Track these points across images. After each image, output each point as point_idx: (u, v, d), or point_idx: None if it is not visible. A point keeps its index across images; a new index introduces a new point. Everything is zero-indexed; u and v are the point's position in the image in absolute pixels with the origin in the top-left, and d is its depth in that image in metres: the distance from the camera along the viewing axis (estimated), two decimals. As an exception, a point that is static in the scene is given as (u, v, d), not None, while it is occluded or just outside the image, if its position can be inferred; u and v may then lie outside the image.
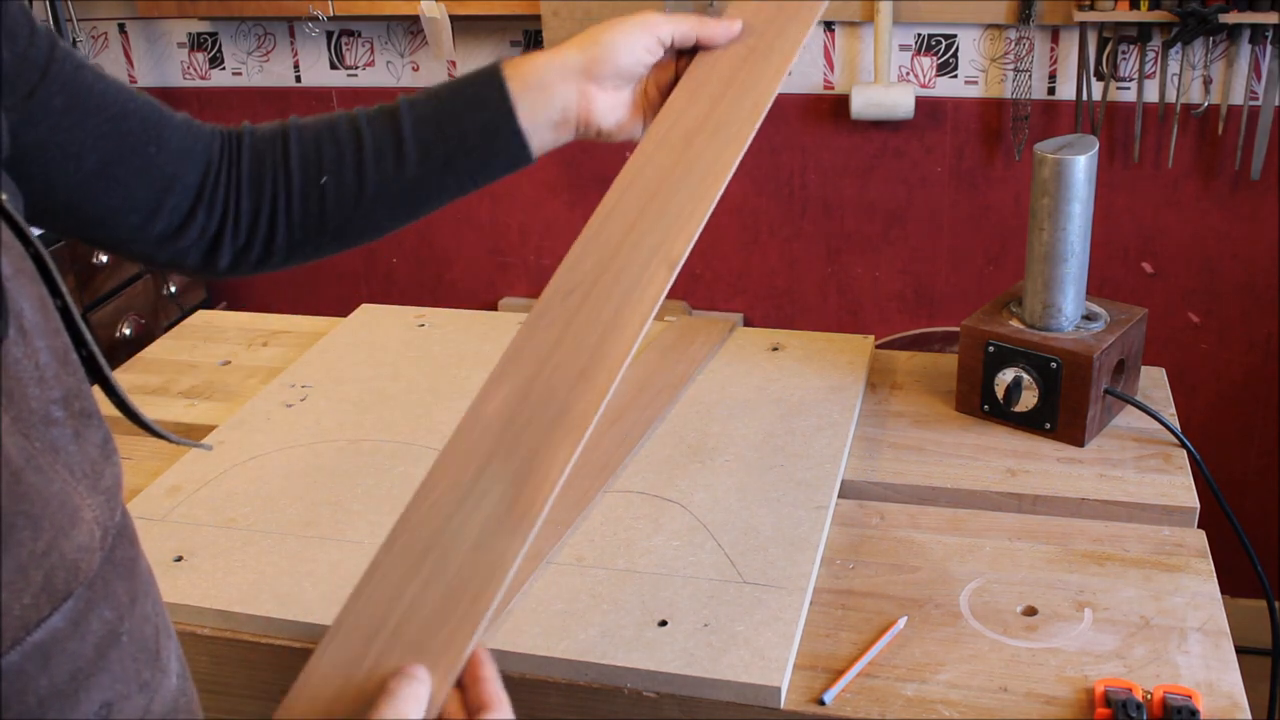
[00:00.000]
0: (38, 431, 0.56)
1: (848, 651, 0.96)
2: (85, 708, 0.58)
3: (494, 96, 0.88)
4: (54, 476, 0.56)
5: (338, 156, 0.88)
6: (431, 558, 0.69)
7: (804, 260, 2.39)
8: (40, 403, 0.57)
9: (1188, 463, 1.18)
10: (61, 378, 0.59)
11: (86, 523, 0.57)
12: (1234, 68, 2.03)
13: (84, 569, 0.57)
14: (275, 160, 0.88)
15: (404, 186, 0.89)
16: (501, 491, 0.70)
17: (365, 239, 0.92)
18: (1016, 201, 2.24)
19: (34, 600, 0.53)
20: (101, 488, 0.60)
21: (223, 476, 1.22)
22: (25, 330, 0.57)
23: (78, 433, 0.59)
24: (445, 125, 0.88)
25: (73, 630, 0.57)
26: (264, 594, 1.03)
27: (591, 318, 0.78)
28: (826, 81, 2.25)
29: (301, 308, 2.59)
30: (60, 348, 0.60)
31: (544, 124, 0.90)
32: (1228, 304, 2.21)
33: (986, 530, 1.11)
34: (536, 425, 0.73)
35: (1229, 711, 0.89)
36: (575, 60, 0.90)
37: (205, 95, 2.57)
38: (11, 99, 0.73)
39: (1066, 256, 1.21)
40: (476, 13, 2.24)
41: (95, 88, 0.79)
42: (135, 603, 0.63)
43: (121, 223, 0.82)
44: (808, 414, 1.27)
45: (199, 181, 0.85)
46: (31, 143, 0.75)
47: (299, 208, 0.88)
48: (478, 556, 0.68)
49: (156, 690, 0.64)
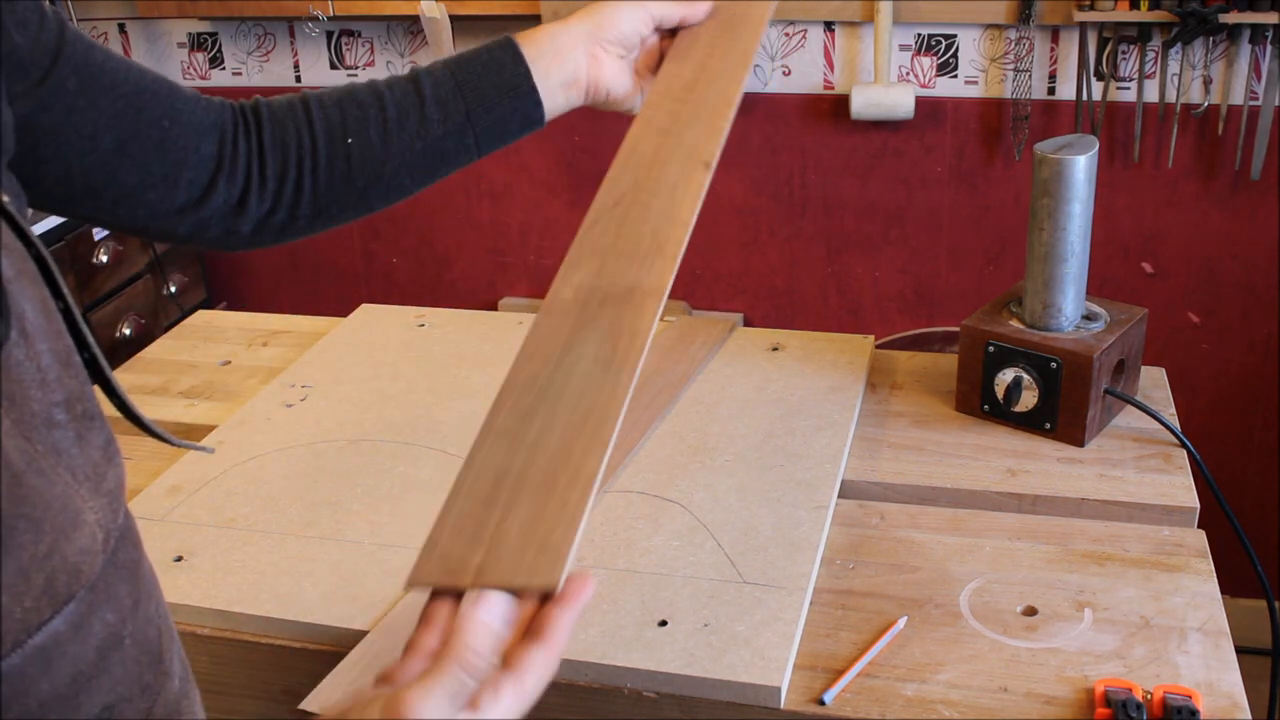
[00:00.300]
0: (40, 434, 0.56)
1: (848, 651, 0.96)
2: (86, 711, 0.58)
3: (509, 59, 0.93)
4: (55, 479, 0.56)
5: (362, 117, 0.90)
6: (543, 410, 0.70)
7: (804, 260, 2.39)
8: (42, 405, 0.57)
9: (1188, 463, 1.18)
10: (64, 380, 0.59)
11: (89, 525, 0.57)
12: (1234, 68, 2.03)
13: (86, 572, 0.57)
14: (298, 123, 0.89)
15: (426, 145, 0.91)
16: (598, 344, 0.73)
17: (387, 202, 0.93)
18: (1016, 201, 2.24)
19: (35, 603, 0.53)
20: (104, 490, 0.60)
21: (223, 476, 1.22)
22: (27, 333, 0.57)
23: (80, 435, 0.59)
24: (464, 86, 0.91)
25: (74, 633, 0.57)
26: (264, 594, 1.03)
27: (643, 213, 0.83)
28: (826, 81, 2.25)
29: (301, 308, 2.59)
30: (63, 350, 0.60)
31: (556, 84, 0.94)
32: (1228, 304, 2.21)
33: (986, 530, 1.11)
34: (614, 298, 0.77)
35: (1229, 711, 0.89)
36: (582, 27, 0.95)
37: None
38: (25, 84, 0.73)
39: (1066, 256, 1.21)
40: (476, 13, 2.24)
41: (106, 66, 0.79)
42: (138, 605, 0.63)
43: (140, 200, 0.82)
44: (808, 414, 1.27)
45: (216, 151, 0.86)
46: (48, 127, 0.75)
47: (325, 169, 0.89)
48: (590, 396, 0.70)
49: (159, 693, 0.64)
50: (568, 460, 0.66)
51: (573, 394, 0.70)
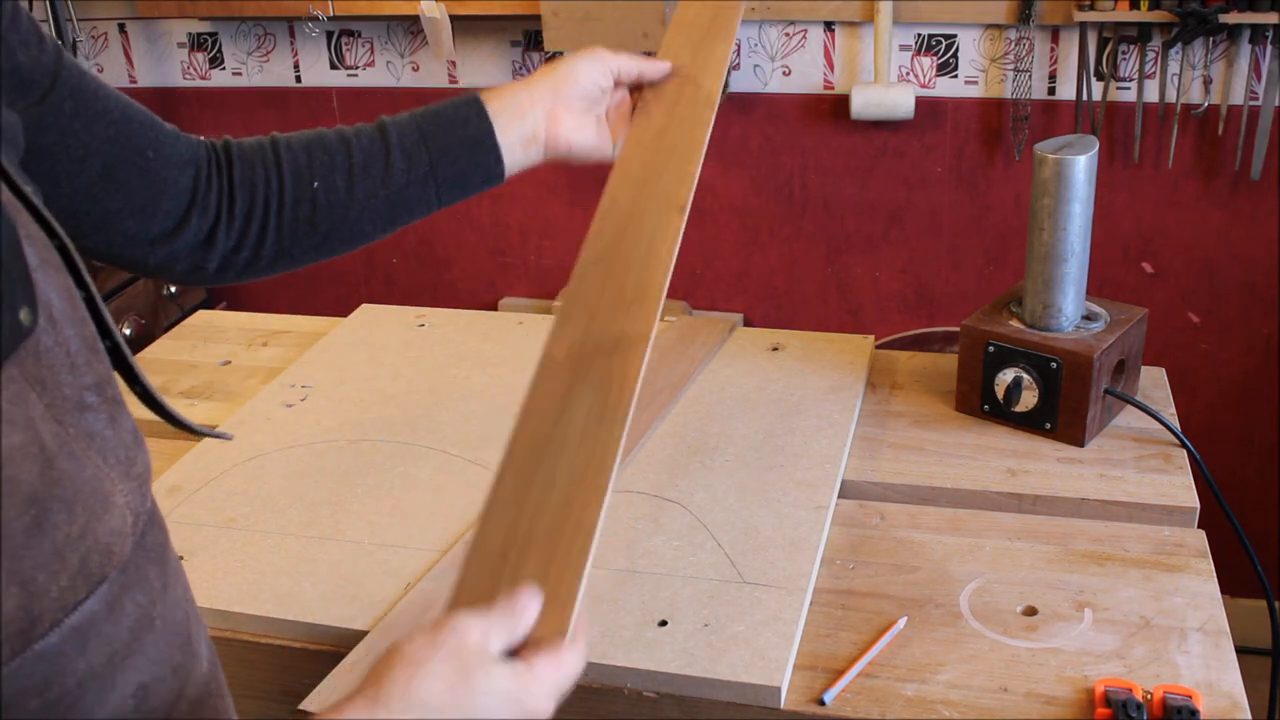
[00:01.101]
0: (71, 418, 0.58)
1: (848, 651, 0.96)
2: (121, 690, 0.59)
3: (474, 114, 0.96)
4: (87, 463, 0.57)
5: (329, 163, 0.93)
6: (543, 469, 0.75)
7: (804, 260, 2.39)
8: (73, 389, 0.58)
9: (1188, 463, 1.18)
10: (93, 365, 0.61)
11: (119, 508, 0.59)
12: (1234, 68, 2.03)
13: (117, 553, 0.59)
14: (266, 165, 0.92)
15: (389, 194, 0.94)
16: (591, 398, 0.79)
17: (347, 247, 0.96)
18: (1016, 201, 2.24)
19: (71, 583, 0.55)
20: (133, 474, 0.62)
21: (223, 476, 1.22)
22: (55, 319, 0.58)
23: (112, 418, 0.61)
24: (430, 139, 0.95)
25: (108, 613, 0.58)
26: (264, 594, 1.03)
27: (624, 264, 0.89)
28: (826, 81, 2.25)
29: (301, 308, 2.58)
30: (89, 336, 0.62)
31: (516, 141, 0.98)
32: (1228, 304, 2.21)
33: (986, 530, 1.11)
34: (603, 349, 0.83)
35: (1229, 711, 0.89)
36: (543, 84, 0.99)
37: (205, 95, 2.57)
38: (25, 103, 0.75)
39: (1066, 256, 1.21)
40: (476, 13, 2.24)
41: (99, 93, 0.81)
42: (166, 588, 0.65)
43: (118, 227, 0.85)
44: (808, 414, 1.27)
45: (191, 185, 0.88)
46: (42, 147, 0.77)
47: (290, 211, 0.92)
48: (587, 448, 0.76)
49: (189, 673, 0.66)
50: (569, 513, 0.72)
51: (570, 450, 0.76)
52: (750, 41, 2.26)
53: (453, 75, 2.42)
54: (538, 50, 2.34)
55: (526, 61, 2.36)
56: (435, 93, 2.44)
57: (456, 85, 2.43)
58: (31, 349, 0.55)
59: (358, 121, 0.97)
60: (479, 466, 1.00)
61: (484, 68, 2.39)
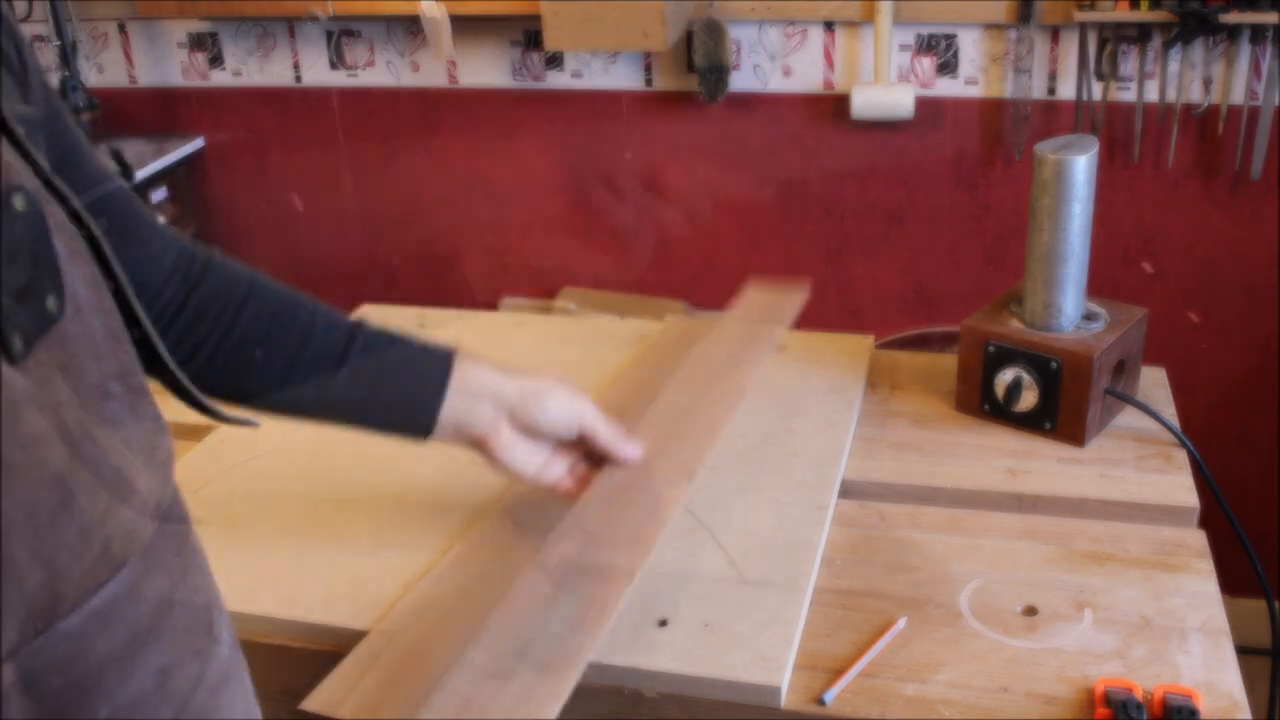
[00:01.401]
0: (96, 405, 0.59)
1: (848, 651, 0.96)
2: (142, 672, 0.60)
3: (435, 377, 0.96)
4: (110, 449, 0.58)
5: (282, 341, 0.94)
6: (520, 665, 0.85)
7: (804, 260, 2.39)
8: (98, 377, 0.59)
9: (1188, 463, 1.18)
10: (117, 354, 0.62)
11: (141, 493, 0.60)
12: (1234, 68, 2.03)
13: (139, 537, 0.60)
14: (228, 306, 0.92)
15: (317, 395, 0.95)
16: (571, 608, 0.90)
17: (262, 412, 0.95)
18: (1016, 201, 2.24)
19: (93, 565, 0.56)
20: (156, 462, 0.63)
21: (223, 476, 1.22)
22: (81, 308, 0.59)
23: (134, 406, 0.62)
24: (383, 375, 0.96)
25: (129, 597, 0.59)
26: (264, 594, 1.03)
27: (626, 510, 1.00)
28: (827, 81, 2.25)
29: (301, 308, 2.58)
30: (114, 326, 0.63)
31: (451, 423, 0.97)
32: (1228, 304, 2.21)
33: (986, 530, 1.11)
34: (592, 572, 0.93)
35: (1229, 711, 0.89)
36: (509, 395, 0.98)
37: (205, 95, 2.57)
38: None
39: (1066, 256, 1.21)
40: (476, 13, 2.24)
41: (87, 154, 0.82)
42: (187, 573, 0.66)
43: None
44: (808, 414, 1.27)
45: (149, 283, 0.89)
46: None
47: (223, 357, 0.92)
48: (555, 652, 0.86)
49: (210, 658, 0.67)
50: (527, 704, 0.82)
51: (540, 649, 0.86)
52: (750, 41, 2.26)
53: (453, 75, 2.42)
54: (538, 50, 2.34)
55: (526, 61, 2.36)
56: (435, 92, 2.44)
57: (456, 85, 2.43)
58: (58, 336, 0.57)
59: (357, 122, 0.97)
60: (479, 467, 1.00)
61: (484, 67, 2.40)
